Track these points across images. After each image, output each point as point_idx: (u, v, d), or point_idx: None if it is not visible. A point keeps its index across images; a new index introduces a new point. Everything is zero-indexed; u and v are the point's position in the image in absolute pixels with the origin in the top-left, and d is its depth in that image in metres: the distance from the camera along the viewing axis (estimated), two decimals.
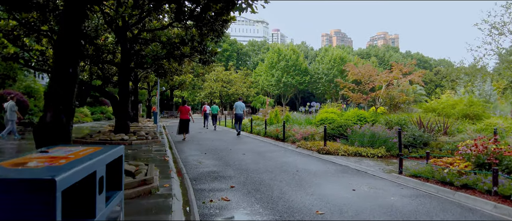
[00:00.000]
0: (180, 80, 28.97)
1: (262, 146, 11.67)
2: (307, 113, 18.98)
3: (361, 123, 12.12)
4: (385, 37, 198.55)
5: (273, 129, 14.30)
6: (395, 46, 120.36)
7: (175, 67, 19.69)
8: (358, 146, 10.01)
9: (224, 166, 7.67)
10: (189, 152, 10.05)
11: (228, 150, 10.47)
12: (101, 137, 11.48)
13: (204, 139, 13.94)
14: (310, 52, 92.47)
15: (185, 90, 45.60)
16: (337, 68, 66.05)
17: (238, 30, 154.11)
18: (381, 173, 7.19)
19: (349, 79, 18.91)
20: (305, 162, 8.49)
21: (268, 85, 67.68)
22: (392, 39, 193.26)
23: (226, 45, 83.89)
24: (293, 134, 12.44)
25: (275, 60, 66.71)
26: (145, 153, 9.31)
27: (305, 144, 10.81)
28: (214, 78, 54.34)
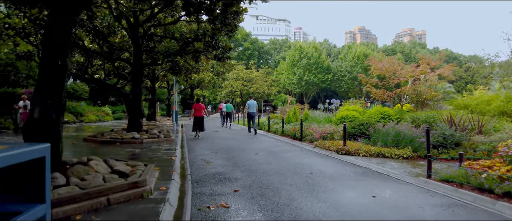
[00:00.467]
0: (199, 78, 28.73)
1: (277, 146, 11.03)
2: (327, 111, 18.10)
3: (384, 121, 11.24)
4: (412, 34, 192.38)
5: (290, 128, 13.61)
6: (422, 42, 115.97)
7: (192, 64, 19.38)
8: (381, 146, 9.18)
9: (233, 167, 7.11)
10: (199, 151, 9.57)
11: (241, 150, 9.90)
12: (112, 136, 11.23)
13: (219, 138, 13.46)
14: (332, 49, 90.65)
15: (206, 89, 45.50)
16: (361, 65, 64.14)
17: (259, 29, 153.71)
18: (407, 176, 6.39)
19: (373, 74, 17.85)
20: (321, 163, 7.79)
21: (289, 83, 66.72)
22: (418, 35, 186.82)
23: (247, 44, 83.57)
24: (311, 133, 11.73)
25: (296, 58, 65.65)
26: (153, 152, 8.90)
27: (323, 143, 10.08)
28: (234, 76, 54.05)
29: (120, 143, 10.76)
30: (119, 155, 8.13)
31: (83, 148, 9.71)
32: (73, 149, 9.37)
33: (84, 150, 9.28)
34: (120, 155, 8.24)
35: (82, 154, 8.55)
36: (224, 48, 12.77)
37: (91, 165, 5.09)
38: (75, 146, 10.15)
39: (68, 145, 10.39)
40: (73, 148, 9.71)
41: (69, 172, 4.68)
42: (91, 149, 9.39)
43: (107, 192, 4.22)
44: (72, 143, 10.83)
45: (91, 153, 8.59)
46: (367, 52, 65.88)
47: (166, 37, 13.15)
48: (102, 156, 8.05)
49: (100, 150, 9.14)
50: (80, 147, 9.95)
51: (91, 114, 25.85)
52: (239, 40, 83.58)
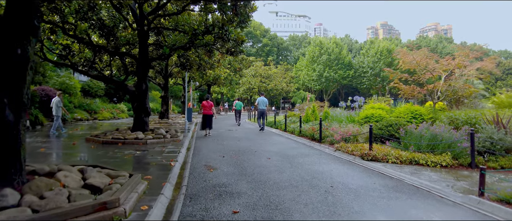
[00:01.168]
0: (215, 75, 27.88)
1: (293, 148, 9.89)
2: (349, 109, 16.72)
3: (416, 121, 9.88)
4: (437, 28, 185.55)
5: (308, 128, 12.44)
6: (448, 37, 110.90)
7: (206, 60, 18.49)
8: (414, 151, 7.88)
9: (239, 176, 6.05)
10: (205, 154, 8.57)
11: (252, 153, 8.84)
12: (115, 136, 10.42)
13: (230, 138, 12.46)
14: (354, 45, 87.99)
15: (223, 85, 44.70)
16: (384, 61, 61.70)
17: (279, 25, 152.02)
18: (452, 193, 5.13)
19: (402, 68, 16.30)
20: (344, 172, 6.61)
21: (309, 80, 65.07)
22: (444, 30, 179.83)
23: (266, 40, 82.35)
24: (331, 134, 10.52)
25: (316, 54, 63.90)
26: (153, 155, 7.98)
27: (346, 147, 8.87)
28: (252, 73, 53.05)
29: (122, 144, 9.95)
30: (114, 159, 7.24)
31: (80, 149, 8.93)
32: (67, 151, 8.58)
33: (80, 152, 8.47)
34: (116, 158, 7.36)
35: (76, 157, 7.74)
36: (235, 40, 11.73)
37: (59, 177, 4.15)
38: (72, 147, 9.38)
39: (67, 146, 9.64)
40: (69, 149, 8.93)
41: (27, 188, 3.75)
42: (88, 151, 8.58)
43: (64, 217, 3.25)
44: (73, 144, 10.10)
45: (87, 156, 7.77)
46: (391, 47, 63.28)
47: (175, 30, 12.24)
48: (96, 159, 7.22)
49: (97, 152, 8.31)
50: (78, 148, 9.18)
51: (105, 111, 25.48)
52: (258, 36, 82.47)
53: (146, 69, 11.58)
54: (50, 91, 19.61)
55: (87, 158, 7.45)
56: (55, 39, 13.51)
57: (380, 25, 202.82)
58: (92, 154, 8.04)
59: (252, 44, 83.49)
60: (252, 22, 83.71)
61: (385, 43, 65.65)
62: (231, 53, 13.44)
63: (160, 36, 13.83)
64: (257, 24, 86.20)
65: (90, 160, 7.23)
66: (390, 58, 61.96)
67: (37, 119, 16.81)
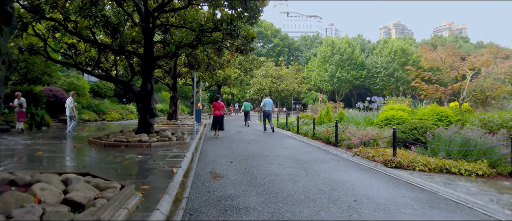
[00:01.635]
0: (225, 75, 27.28)
1: (307, 153, 9.15)
2: (366, 110, 15.85)
3: (442, 124, 9.02)
4: (451, 28, 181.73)
5: (323, 130, 11.67)
6: (464, 36, 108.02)
7: (215, 59, 17.90)
8: (444, 157, 7.06)
9: (247, 186, 5.36)
10: (212, 159, 7.91)
11: (263, 158, 8.14)
12: (118, 138, 9.86)
13: (239, 141, 11.78)
14: (367, 45, 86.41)
15: (234, 86, 44.11)
16: (398, 61, 60.23)
17: (290, 26, 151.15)
18: (499, 210, 4.33)
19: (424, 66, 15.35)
20: (367, 182, 5.85)
21: (321, 80, 63.99)
22: (458, 29, 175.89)
23: (277, 40, 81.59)
24: (348, 137, 9.74)
25: (328, 54, 62.80)
26: (156, 160, 7.36)
27: (365, 151, 8.08)
28: (263, 73, 52.37)
29: (125, 147, 9.38)
30: (112, 165, 6.64)
31: (79, 153, 8.38)
32: (65, 155, 8.03)
33: (79, 156, 7.91)
34: (114, 164, 6.75)
35: (72, 162, 7.17)
36: (245, 37, 11.05)
37: (34, 190, 3.53)
38: (72, 150, 8.85)
39: (67, 149, 9.12)
40: (67, 153, 8.39)
41: None
42: (87, 155, 8.03)
43: None
44: (74, 146, 9.57)
45: (85, 160, 7.19)
46: (405, 47, 61.77)
47: (182, 27, 11.64)
48: (93, 164, 6.61)
49: (96, 156, 7.74)
50: (78, 152, 8.64)
51: (114, 112, 25.16)
52: (269, 37, 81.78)
53: (151, 68, 11.01)
54: (58, 92, 19.32)
55: (83, 164, 6.87)
56: (60, 38, 13.13)
57: (392, 25, 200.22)
58: (90, 159, 7.47)
59: (263, 44, 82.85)
60: (263, 22, 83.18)
61: (399, 42, 64.11)
62: (240, 51, 12.79)
63: (167, 34, 13.28)
64: (268, 24, 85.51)
65: (86, 165, 6.65)
66: (404, 58, 60.48)
67: (43, 120, 16.46)
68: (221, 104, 13.48)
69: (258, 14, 10.30)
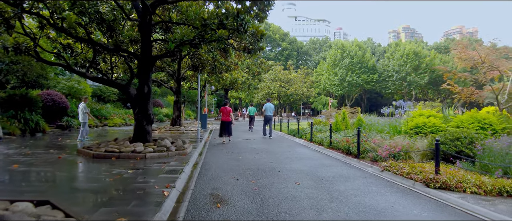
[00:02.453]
0: (232, 79, 26.10)
1: (326, 167, 7.83)
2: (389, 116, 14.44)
3: (486, 133, 7.63)
4: (462, 31, 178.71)
5: (342, 139, 10.36)
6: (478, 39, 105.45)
7: (221, 61, 16.74)
8: (501, 176, 5.69)
9: (258, 216, 4.09)
10: (215, 174, 6.67)
11: (274, 173, 6.86)
12: (109, 148, 8.67)
13: (247, 150, 10.52)
14: (377, 48, 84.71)
15: (241, 90, 42.91)
16: (410, 64, 58.45)
17: (298, 30, 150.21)
18: None
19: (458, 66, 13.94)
20: (411, 211, 4.52)
21: (330, 84, 62.53)
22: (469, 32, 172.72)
23: (285, 44, 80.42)
24: (373, 148, 8.41)
25: (338, 57, 61.39)
26: (147, 176, 6.13)
27: (397, 166, 6.75)
28: (271, 77, 51.15)
29: (116, 158, 8.20)
30: (91, 184, 5.44)
31: (60, 167, 7.19)
32: (42, 169, 6.84)
33: (57, 171, 6.72)
34: (96, 182, 5.55)
35: (45, 179, 5.98)
36: (254, 34, 9.84)
37: None
38: (54, 163, 7.68)
39: (49, 161, 7.95)
40: (46, 166, 7.21)
41: None
42: (68, 169, 6.85)
43: None
44: (59, 157, 8.42)
45: (61, 178, 6.00)
46: (418, 50, 60.00)
47: (184, 24, 10.47)
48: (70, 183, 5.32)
49: (78, 172, 6.56)
50: (59, 165, 7.46)
51: (117, 117, 24.14)
52: (277, 40, 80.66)
53: (148, 69, 9.84)
54: (56, 96, 18.33)
55: (56, 183, 5.67)
56: (55, 37, 12.13)
57: (402, 29, 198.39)
58: (70, 175, 6.28)
59: (271, 48, 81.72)
60: (271, 26, 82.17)
61: (411, 45, 62.35)
62: (248, 51, 11.59)
63: (169, 33, 12.15)
64: (276, 27, 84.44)
65: (59, 186, 5.45)
66: (417, 61, 58.71)
67: (38, 126, 15.45)
68: (229, 110, 13.05)
69: (268, 6, 9.08)
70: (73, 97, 21.10)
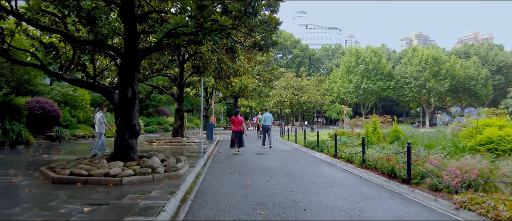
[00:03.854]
0: (241, 85, 24.04)
1: (371, 200, 5.55)
2: (441, 125, 11.99)
3: None
4: (476, 38, 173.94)
5: (377, 155, 8.08)
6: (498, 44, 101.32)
7: (228, 64, 14.71)
8: None
9: None
10: (211, 214, 4.49)
11: (299, 212, 4.64)
12: (77, 169, 6.57)
13: (259, 169, 8.30)
14: (392, 54, 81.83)
15: (252, 98, 40.80)
16: (429, 70, 55.52)
17: (309, 38, 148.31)
18: None
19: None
20: None
21: (344, 92, 59.94)
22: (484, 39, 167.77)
23: (297, 51, 78.36)
24: (430, 170, 6.10)
25: (353, 64, 58.90)
26: (108, 218, 4.00)
27: (484, 204, 4.45)
28: (283, 85, 48.96)
29: (82, 184, 6.13)
30: None
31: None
32: None
33: None
34: None
35: None
36: (266, 22, 7.70)
37: None
38: None
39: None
40: None
41: None
42: (6, 202, 4.76)
43: None
44: (10, 181, 6.38)
45: None
46: (436, 55, 57.08)
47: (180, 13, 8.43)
48: None
49: (13, 208, 4.47)
50: (1, 193, 5.40)
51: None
52: (289, 47, 78.70)
53: (133, 66, 7.80)
54: (46, 104, 16.51)
55: None
56: (35, 35, 10.36)
57: (414, 36, 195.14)
58: None
59: (282, 55, 79.72)
60: (282, 32, 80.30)
61: (430, 50, 59.48)
62: (260, 48, 9.57)
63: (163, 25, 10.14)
64: (288, 34, 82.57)
65: None
66: (436, 67, 55.77)
67: (21, 137, 13.56)
68: (240, 119, 12.50)
69: None
70: (68, 105, 19.30)
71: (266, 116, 15.43)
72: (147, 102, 30.21)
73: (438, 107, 67.89)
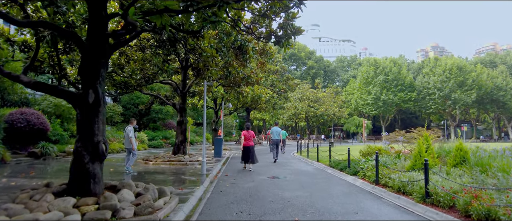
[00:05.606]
0: (253, 95, 21.66)
1: None
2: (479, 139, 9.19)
3: None
4: (495, 48, 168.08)
5: (449, 185, 5.49)
6: None
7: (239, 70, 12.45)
8: None
9: None
10: None
11: None
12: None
13: (276, 207, 5.79)
14: (411, 65, 78.31)
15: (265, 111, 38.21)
16: (454, 80, 52.02)
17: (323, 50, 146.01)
18: None
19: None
20: None
21: (363, 104, 56.81)
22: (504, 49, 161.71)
23: (311, 62, 75.88)
24: None
25: (371, 74, 55.92)
26: None
27: None
28: (298, 96, 46.41)
29: None
30: None
31: None
32: None
33: None
34: None
35: None
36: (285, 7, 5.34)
37: None
38: None
39: None
40: None
41: None
42: None
43: None
44: None
45: None
46: (462, 64, 53.63)
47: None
48: None
49: None
50: None
51: (117, 141, 20.09)
52: (303, 59, 76.35)
53: (97, 60, 5.50)
54: (32, 116, 14.48)
55: None
56: None
57: (430, 48, 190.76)
58: None
59: (296, 67, 77.32)
60: (296, 44, 78.14)
61: (454, 59, 56.08)
62: (277, 40, 7.20)
63: None
64: (302, 46, 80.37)
65: None
66: (462, 76, 52.27)
67: None
68: (251, 134, 11.99)
69: None
70: (59, 117, 17.28)
71: (274, 130, 15.35)
72: (153, 115, 28.16)
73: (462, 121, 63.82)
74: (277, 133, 15.15)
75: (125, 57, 11.68)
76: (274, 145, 14.87)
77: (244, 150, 11.67)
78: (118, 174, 9.73)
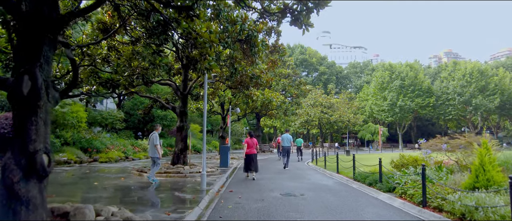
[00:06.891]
0: (263, 99, 19.91)
1: None
2: None
3: None
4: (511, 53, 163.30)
5: None
6: None
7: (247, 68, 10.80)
8: None
9: None
10: None
11: None
12: None
13: None
14: (426, 70, 75.44)
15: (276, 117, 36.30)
16: (475, 84, 49.29)
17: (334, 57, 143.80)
18: None
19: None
20: None
21: (378, 110, 54.33)
22: None
23: (323, 68, 73.83)
24: None
25: (386, 80, 53.51)
26: None
27: None
28: (311, 102, 44.49)
29: None
30: None
31: None
32: None
33: None
34: None
35: None
36: None
37: None
38: None
39: None
40: None
41: None
42: None
43: None
44: None
45: None
46: (483, 68, 50.89)
47: None
48: None
49: None
50: None
51: (115, 150, 18.56)
52: (314, 64, 74.41)
53: (39, 34, 3.85)
54: None
55: None
56: None
57: (443, 53, 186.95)
58: None
59: (307, 73, 75.37)
60: (307, 49, 76.40)
61: (474, 63, 53.36)
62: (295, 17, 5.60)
63: None
64: (313, 51, 78.52)
65: None
66: (483, 81, 49.53)
67: None
68: (255, 141, 11.76)
69: None
70: (53, 123, 15.85)
71: (285, 137, 15.51)
72: (158, 122, 26.69)
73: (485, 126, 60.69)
74: (288, 140, 15.30)
75: (116, 52, 10.13)
76: (285, 152, 15.04)
77: (247, 158, 11.43)
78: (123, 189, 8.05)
